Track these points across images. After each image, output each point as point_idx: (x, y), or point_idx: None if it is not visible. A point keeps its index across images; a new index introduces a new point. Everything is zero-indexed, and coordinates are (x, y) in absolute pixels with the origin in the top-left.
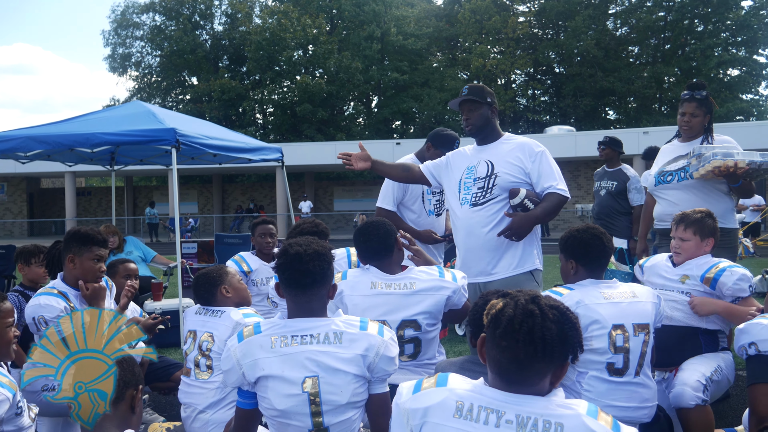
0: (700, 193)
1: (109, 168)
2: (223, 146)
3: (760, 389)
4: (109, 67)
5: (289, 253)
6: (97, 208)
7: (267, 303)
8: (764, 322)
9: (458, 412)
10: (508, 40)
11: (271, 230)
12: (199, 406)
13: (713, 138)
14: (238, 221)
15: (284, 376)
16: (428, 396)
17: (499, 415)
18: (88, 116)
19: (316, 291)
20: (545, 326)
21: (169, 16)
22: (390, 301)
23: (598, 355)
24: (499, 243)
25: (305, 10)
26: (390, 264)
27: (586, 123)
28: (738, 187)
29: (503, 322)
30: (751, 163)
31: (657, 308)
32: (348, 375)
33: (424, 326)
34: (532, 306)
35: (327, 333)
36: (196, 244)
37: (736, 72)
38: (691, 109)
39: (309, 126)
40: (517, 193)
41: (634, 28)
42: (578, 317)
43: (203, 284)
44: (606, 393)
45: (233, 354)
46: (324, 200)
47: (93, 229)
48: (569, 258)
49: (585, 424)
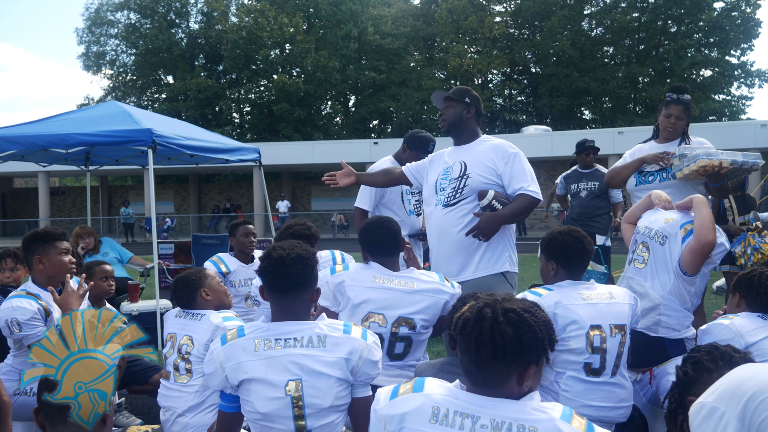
0: (680, 194)
1: (84, 168)
2: (201, 147)
3: None
4: (83, 66)
5: (273, 257)
6: (71, 208)
7: (245, 304)
8: (725, 323)
9: (434, 418)
10: (484, 40)
11: (252, 230)
12: (178, 409)
13: (690, 140)
14: (215, 221)
15: (267, 380)
16: (405, 402)
17: (474, 419)
18: (63, 116)
19: (299, 295)
20: (495, 329)
21: (144, 14)
22: (391, 295)
23: (576, 355)
24: (470, 244)
25: (282, 9)
26: (394, 262)
27: (562, 123)
28: (718, 186)
29: (460, 323)
30: (734, 163)
31: (633, 309)
32: (331, 378)
33: (419, 327)
34: (486, 309)
35: (311, 336)
36: (173, 245)
37: (708, 73)
38: (677, 112)
39: (286, 125)
40: (485, 194)
41: (609, 28)
42: (555, 318)
43: (183, 287)
44: (583, 393)
45: (216, 357)
46: (302, 200)
47: (48, 226)
48: (550, 259)
49: (558, 428)
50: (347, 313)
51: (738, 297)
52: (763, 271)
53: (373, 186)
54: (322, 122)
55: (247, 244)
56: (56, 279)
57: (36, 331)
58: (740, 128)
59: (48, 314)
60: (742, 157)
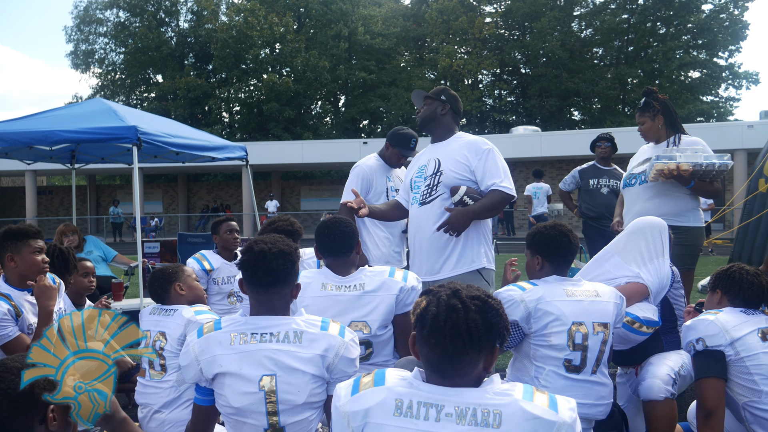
0: (659, 195)
1: (70, 166)
2: (186, 144)
3: (708, 383)
4: (72, 64)
5: (254, 251)
6: (58, 207)
7: (228, 302)
8: (710, 318)
9: (398, 410)
10: (474, 41)
11: (236, 227)
12: (155, 405)
13: (680, 140)
14: (203, 220)
15: (242, 374)
16: (367, 397)
17: (438, 409)
18: (48, 113)
19: (278, 290)
20: (469, 318)
21: (133, 13)
22: (340, 302)
23: (557, 351)
24: (446, 242)
25: (272, 9)
26: (345, 264)
27: (551, 123)
28: (692, 188)
29: (428, 320)
30: (695, 165)
31: (618, 309)
32: (306, 375)
33: (373, 329)
34: (454, 300)
35: (287, 332)
36: (159, 244)
37: (696, 74)
38: (638, 119)
39: (276, 125)
40: (457, 190)
41: (599, 30)
42: (537, 313)
43: (158, 280)
44: (563, 389)
45: (192, 349)
46: (291, 199)
47: (23, 223)
48: (536, 254)
49: (522, 408)
50: None
51: (719, 293)
52: (743, 267)
53: (387, 219)
54: (312, 122)
55: (231, 241)
56: (28, 278)
57: (7, 331)
58: (728, 129)
59: (19, 315)
60: (706, 159)
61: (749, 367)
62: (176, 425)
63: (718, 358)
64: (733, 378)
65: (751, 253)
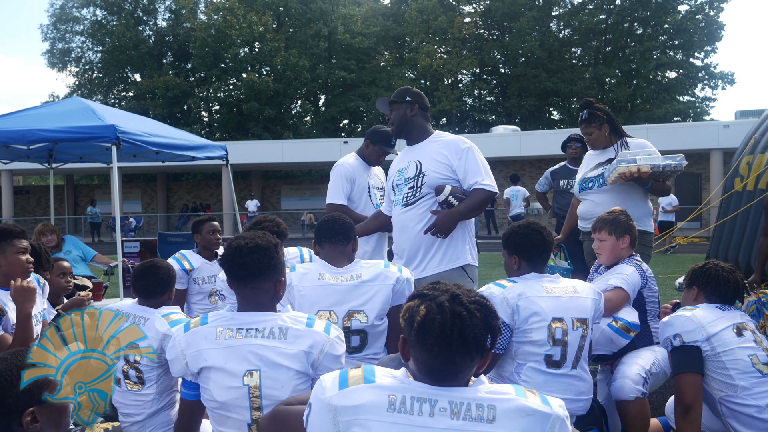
0: (618, 199)
1: (47, 166)
2: (166, 144)
3: (685, 378)
4: (48, 63)
5: (231, 246)
6: (35, 207)
7: (209, 301)
8: (687, 314)
9: (392, 406)
10: (454, 40)
11: (218, 227)
12: (138, 416)
13: (627, 144)
14: (183, 220)
15: (226, 368)
16: (359, 394)
17: (432, 403)
18: (25, 112)
19: (257, 285)
20: (474, 325)
21: (110, 11)
22: (337, 291)
23: (537, 347)
24: (430, 240)
25: (251, 7)
26: (342, 254)
27: (530, 123)
28: (650, 188)
29: (435, 330)
30: (654, 167)
31: (596, 304)
32: (290, 371)
33: (371, 318)
34: (458, 308)
35: (272, 328)
36: (139, 243)
37: (673, 74)
38: (584, 130)
39: (256, 124)
40: (441, 190)
41: (577, 30)
42: (518, 309)
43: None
44: (543, 384)
45: (178, 344)
46: (271, 199)
47: (6, 223)
48: (512, 253)
49: (517, 403)
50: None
51: (695, 290)
52: (718, 264)
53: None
54: (292, 121)
55: (213, 241)
56: (11, 278)
57: None
58: (703, 129)
59: (2, 314)
60: (663, 161)
61: (725, 362)
62: (158, 427)
63: (695, 353)
64: (709, 373)
65: (728, 251)
